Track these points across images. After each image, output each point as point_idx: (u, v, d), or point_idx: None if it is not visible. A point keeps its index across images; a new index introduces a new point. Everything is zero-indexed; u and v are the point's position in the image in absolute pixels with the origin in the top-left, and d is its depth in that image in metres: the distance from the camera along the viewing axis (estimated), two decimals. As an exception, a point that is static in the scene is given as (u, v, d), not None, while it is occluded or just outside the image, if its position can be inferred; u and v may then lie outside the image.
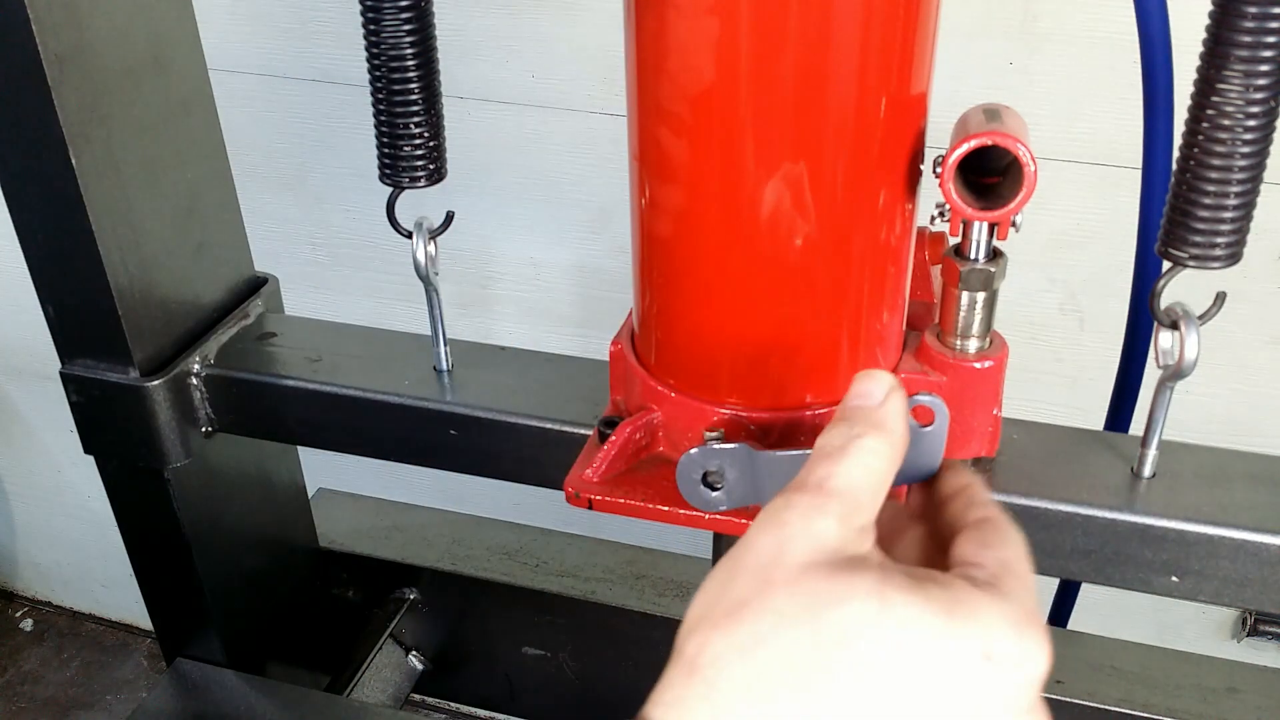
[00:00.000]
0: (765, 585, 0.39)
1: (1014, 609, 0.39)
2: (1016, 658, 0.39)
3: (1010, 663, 0.38)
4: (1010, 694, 0.38)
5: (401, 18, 0.69)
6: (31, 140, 0.76)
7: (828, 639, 0.38)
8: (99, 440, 0.90)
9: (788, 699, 0.37)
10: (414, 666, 1.20)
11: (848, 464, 0.43)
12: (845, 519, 0.41)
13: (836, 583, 0.39)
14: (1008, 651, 0.38)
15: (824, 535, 0.41)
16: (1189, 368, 0.63)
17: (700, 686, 0.39)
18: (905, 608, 0.38)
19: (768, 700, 0.37)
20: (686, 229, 0.56)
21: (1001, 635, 0.38)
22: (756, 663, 0.38)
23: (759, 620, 0.39)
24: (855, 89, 0.51)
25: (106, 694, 2.06)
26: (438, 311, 0.83)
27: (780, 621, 0.38)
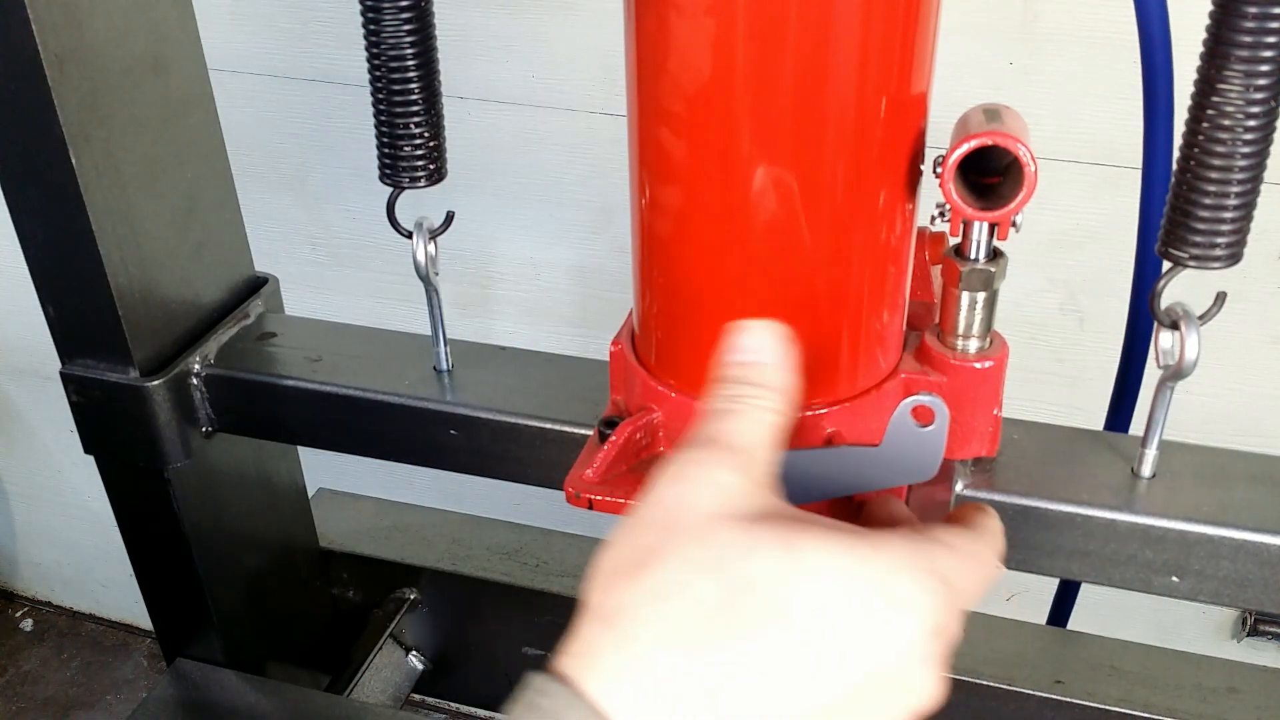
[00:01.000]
0: (673, 535, 0.40)
1: (919, 558, 0.41)
2: (913, 602, 0.40)
3: (906, 605, 0.39)
4: (907, 638, 0.39)
5: (402, 18, 0.69)
6: (31, 140, 0.76)
7: (737, 587, 0.38)
8: (99, 440, 0.90)
9: (699, 645, 0.38)
10: (414, 666, 1.20)
11: (741, 421, 0.44)
12: (744, 470, 0.42)
13: (744, 533, 0.40)
14: (905, 594, 0.40)
15: (726, 486, 0.42)
16: (1189, 368, 0.63)
17: (611, 635, 0.39)
18: (811, 553, 0.39)
19: (679, 647, 0.38)
20: (686, 229, 0.56)
21: (900, 579, 0.40)
22: (667, 610, 0.39)
23: (668, 569, 0.39)
24: (855, 89, 0.51)
25: (106, 694, 2.06)
26: (438, 311, 0.83)
27: (690, 570, 0.39)
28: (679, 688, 0.38)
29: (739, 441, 0.43)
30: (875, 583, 0.39)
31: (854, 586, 0.39)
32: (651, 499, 0.42)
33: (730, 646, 0.38)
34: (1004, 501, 0.69)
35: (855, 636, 0.39)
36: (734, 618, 0.38)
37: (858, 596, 0.39)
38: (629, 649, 0.38)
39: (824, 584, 0.39)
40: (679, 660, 0.38)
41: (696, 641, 0.38)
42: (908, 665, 0.40)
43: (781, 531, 0.40)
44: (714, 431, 0.44)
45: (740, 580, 0.39)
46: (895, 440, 0.49)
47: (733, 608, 0.38)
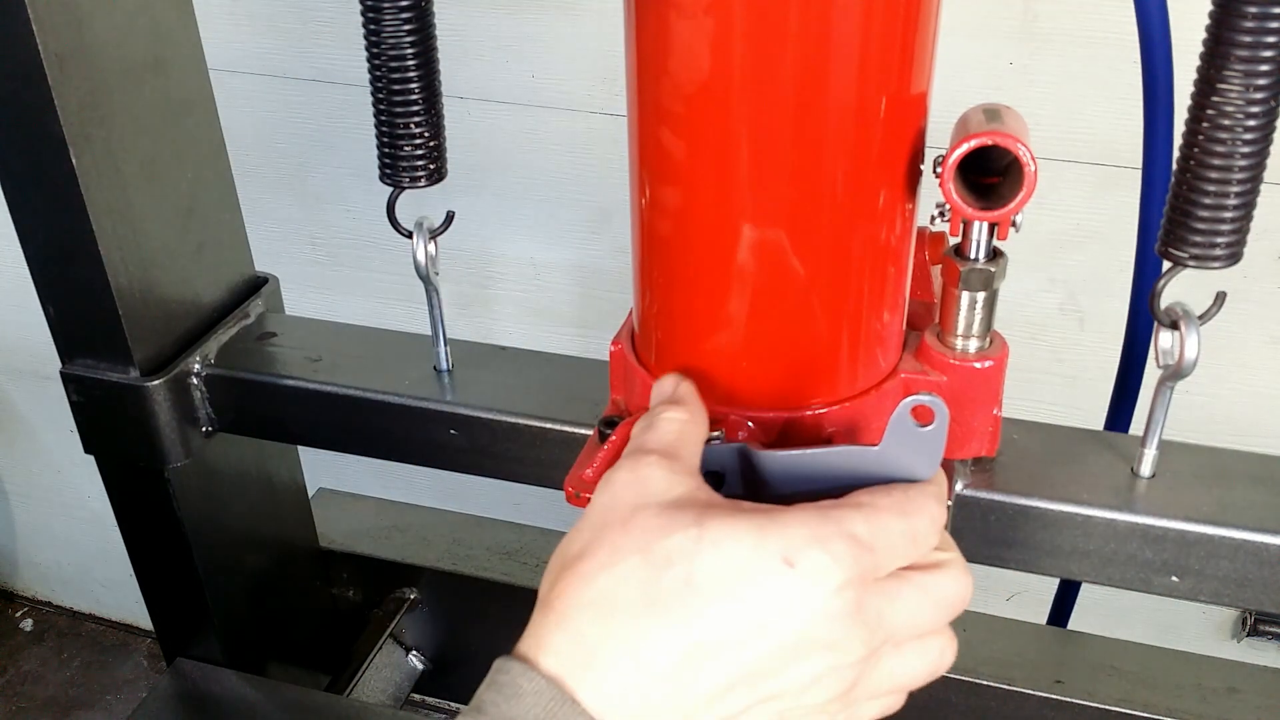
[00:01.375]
0: (603, 529, 0.46)
1: (822, 523, 0.44)
2: (816, 565, 0.43)
3: (810, 569, 0.43)
4: (816, 601, 0.43)
5: (402, 17, 0.69)
6: (31, 140, 0.76)
7: (656, 563, 0.44)
8: (99, 440, 0.90)
9: (626, 615, 0.43)
10: (414, 666, 1.20)
11: (659, 430, 0.51)
12: (666, 465, 0.48)
13: (662, 516, 0.45)
14: (807, 558, 0.43)
15: (649, 480, 0.47)
16: (1189, 368, 0.63)
17: (554, 617, 0.45)
18: (719, 528, 0.44)
19: (609, 617, 0.43)
20: (686, 229, 0.56)
21: (801, 543, 0.43)
22: (598, 588, 0.44)
23: (599, 556, 0.45)
24: (855, 88, 0.51)
25: (106, 694, 2.06)
26: (438, 311, 0.83)
27: (616, 553, 0.45)
28: (611, 654, 0.43)
29: (657, 443, 0.49)
30: (778, 551, 0.43)
31: (757, 556, 0.43)
32: (589, 506, 0.49)
33: (652, 615, 0.43)
34: (1004, 501, 0.69)
35: (763, 603, 0.43)
36: (654, 591, 0.43)
37: (761, 566, 0.43)
38: (567, 626, 0.44)
39: (729, 555, 0.43)
40: (609, 630, 0.43)
41: (624, 611, 0.43)
42: (824, 625, 0.43)
43: (695, 512, 0.45)
44: (637, 442, 0.50)
45: (658, 557, 0.44)
46: (895, 440, 0.49)
47: (653, 581, 0.43)
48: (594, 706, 0.42)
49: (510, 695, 0.43)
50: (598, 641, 0.43)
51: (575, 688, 0.43)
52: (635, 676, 0.42)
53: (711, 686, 0.43)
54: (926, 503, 0.47)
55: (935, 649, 0.48)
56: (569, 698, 0.42)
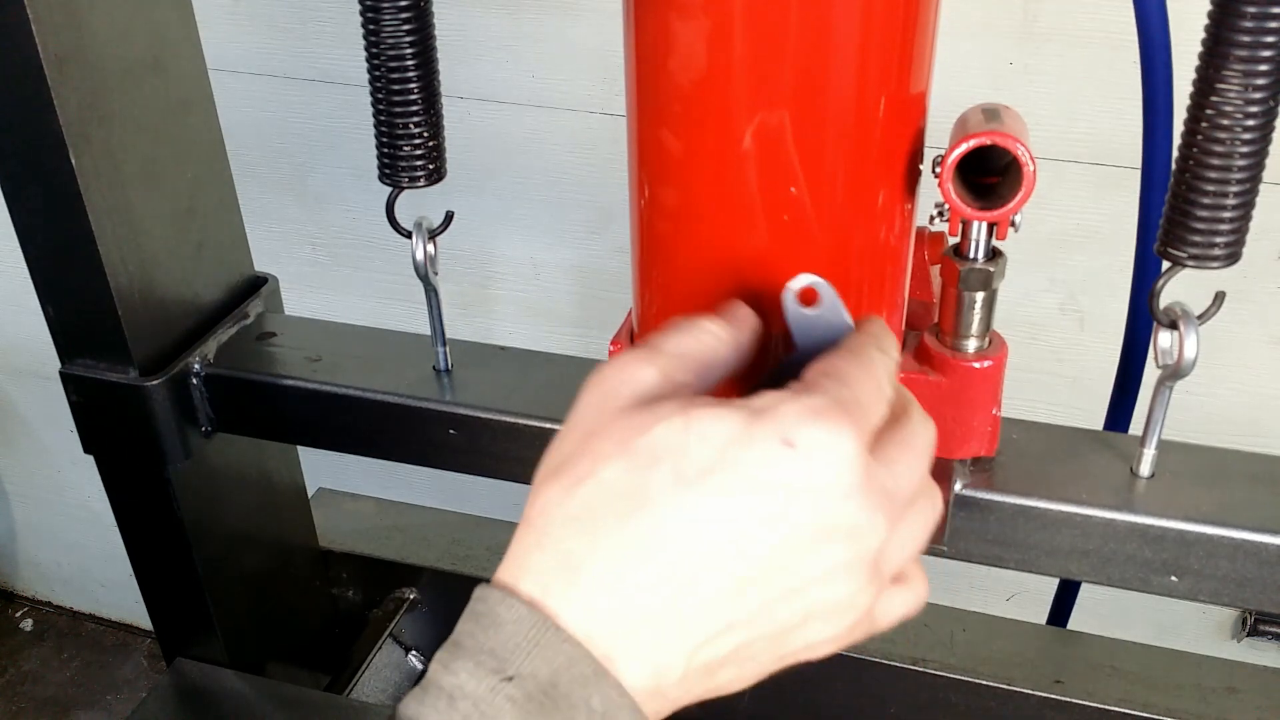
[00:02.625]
0: (588, 438, 0.42)
1: (817, 400, 0.40)
2: (818, 440, 0.39)
3: (813, 446, 0.39)
4: (822, 479, 0.39)
5: (401, 18, 0.69)
6: (31, 140, 0.76)
7: (640, 463, 0.40)
8: (99, 440, 0.90)
9: (611, 524, 0.39)
10: (414, 666, 1.20)
11: (681, 334, 0.45)
12: (666, 372, 0.43)
13: (644, 414, 0.41)
14: (808, 435, 0.39)
15: (642, 381, 0.43)
16: (1188, 367, 0.63)
17: (533, 535, 0.41)
18: (706, 419, 0.40)
19: (591, 531, 0.39)
20: (685, 229, 0.56)
21: (799, 422, 0.39)
22: (577, 500, 0.40)
23: (579, 465, 0.41)
24: (855, 88, 0.51)
25: (106, 694, 2.06)
26: (437, 311, 0.83)
27: (597, 461, 0.40)
28: (596, 569, 0.39)
29: (670, 346, 0.45)
30: (773, 434, 0.39)
31: (752, 441, 0.39)
32: (577, 404, 0.44)
33: (641, 520, 0.39)
34: (1003, 501, 0.69)
35: (766, 493, 0.39)
36: (641, 493, 0.39)
37: (758, 452, 0.39)
38: (547, 544, 0.40)
39: (720, 444, 0.39)
40: (594, 543, 0.39)
41: (607, 521, 0.39)
42: (839, 507, 0.39)
43: (678, 402, 0.41)
44: (654, 338, 0.45)
45: (643, 455, 0.40)
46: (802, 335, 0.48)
47: (639, 483, 0.39)
48: (580, 628, 0.38)
49: (489, 625, 0.39)
50: (582, 557, 0.39)
51: (558, 610, 0.39)
52: (624, 590, 0.39)
53: (714, 592, 0.39)
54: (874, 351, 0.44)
55: (930, 505, 0.44)
56: (551, 622, 0.38)
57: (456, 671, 0.39)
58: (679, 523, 0.39)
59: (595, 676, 0.38)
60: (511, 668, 0.38)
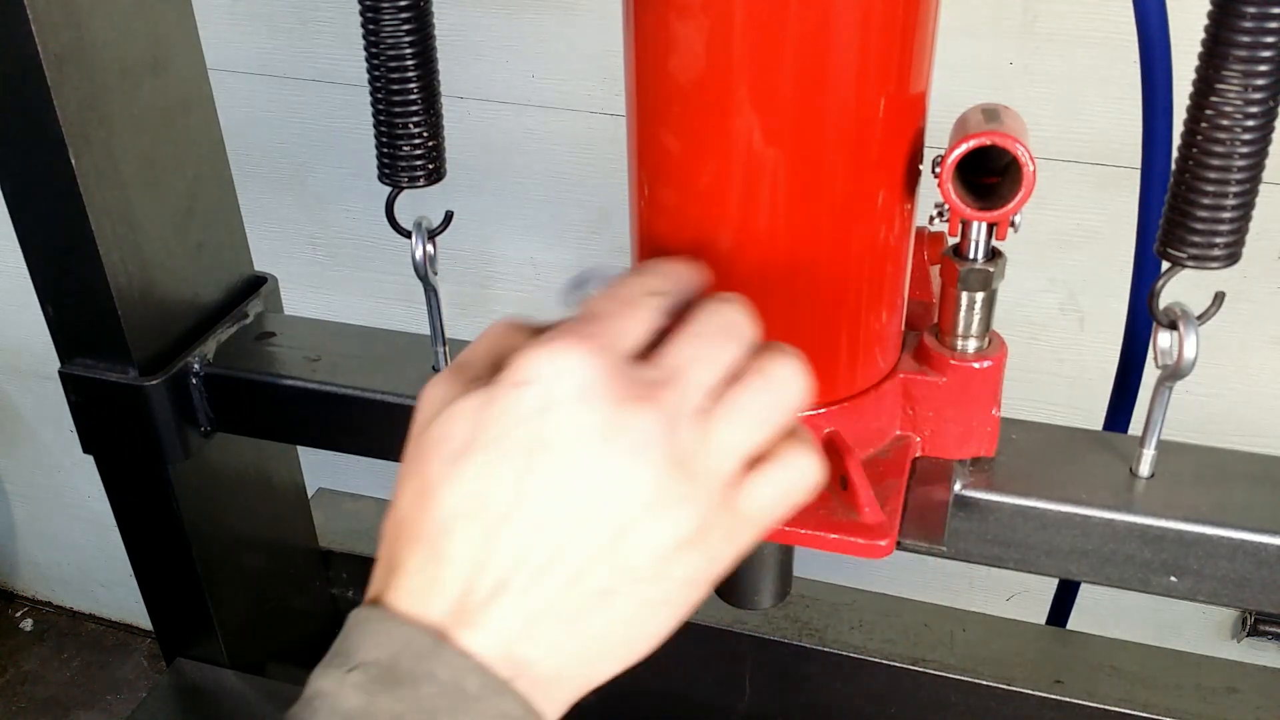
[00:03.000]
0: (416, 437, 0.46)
1: (546, 338, 0.41)
2: (545, 366, 0.40)
3: (541, 373, 0.40)
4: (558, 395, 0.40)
5: (401, 17, 0.69)
6: (31, 140, 0.76)
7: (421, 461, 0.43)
8: (99, 440, 0.90)
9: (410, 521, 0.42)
10: (414, 666, 1.20)
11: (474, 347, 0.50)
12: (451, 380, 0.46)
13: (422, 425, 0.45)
14: (534, 367, 0.41)
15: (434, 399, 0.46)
16: (1188, 368, 0.63)
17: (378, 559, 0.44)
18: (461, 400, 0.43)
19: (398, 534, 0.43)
20: (685, 229, 0.56)
21: (526, 361, 0.41)
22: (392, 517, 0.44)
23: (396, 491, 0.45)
24: (854, 88, 0.51)
25: (106, 694, 2.06)
26: (437, 311, 0.83)
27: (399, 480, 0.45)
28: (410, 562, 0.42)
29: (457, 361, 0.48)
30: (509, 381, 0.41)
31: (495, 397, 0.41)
32: None
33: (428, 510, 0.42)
34: (1003, 501, 0.69)
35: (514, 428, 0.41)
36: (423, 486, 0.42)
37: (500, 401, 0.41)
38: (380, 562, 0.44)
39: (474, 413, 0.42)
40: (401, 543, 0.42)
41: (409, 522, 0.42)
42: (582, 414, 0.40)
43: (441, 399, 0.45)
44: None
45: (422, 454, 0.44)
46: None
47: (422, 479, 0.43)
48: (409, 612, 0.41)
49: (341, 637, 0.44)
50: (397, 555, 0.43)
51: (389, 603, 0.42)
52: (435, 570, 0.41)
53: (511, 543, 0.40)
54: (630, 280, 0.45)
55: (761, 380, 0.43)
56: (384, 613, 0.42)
57: (313, 679, 0.42)
58: (459, 496, 0.41)
59: (434, 648, 0.40)
60: (354, 660, 0.41)
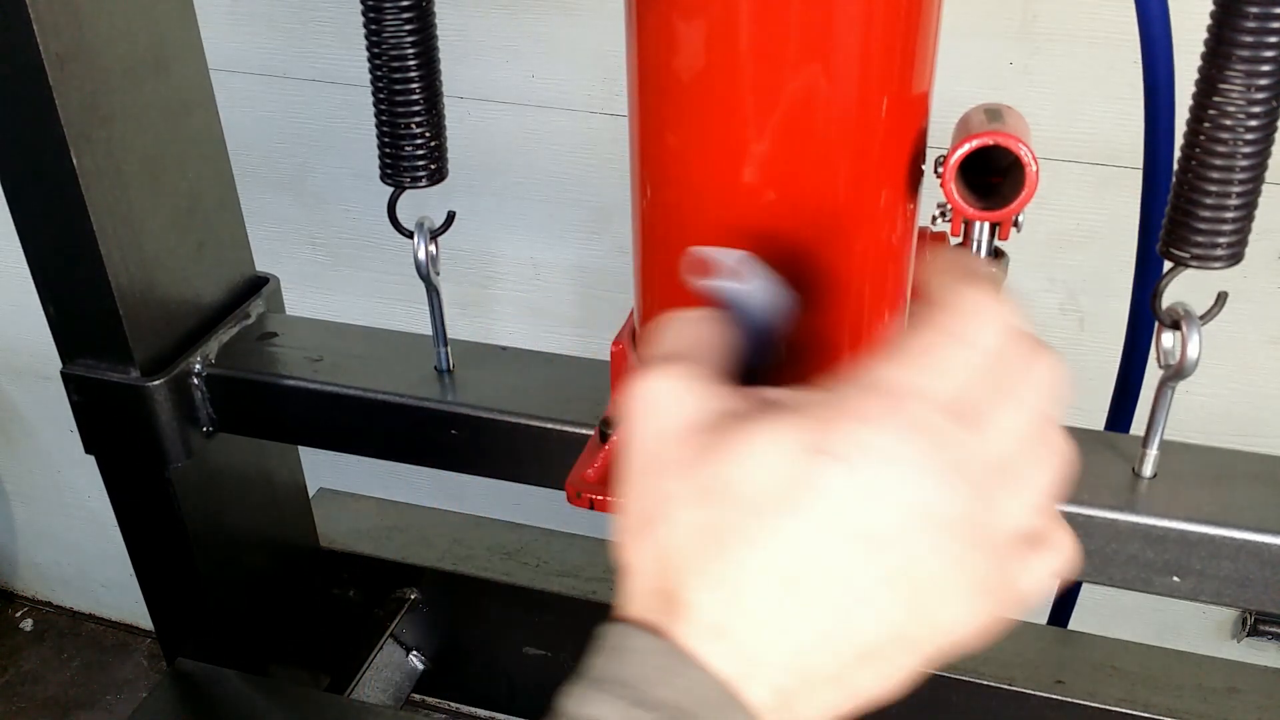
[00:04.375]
0: (649, 477, 0.41)
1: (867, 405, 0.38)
2: (870, 447, 0.38)
3: (866, 455, 0.38)
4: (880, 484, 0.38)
5: (403, 18, 0.69)
6: (32, 140, 0.76)
7: (713, 500, 0.39)
8: (99, 440, 0.90)
9: (698, 563, 0.39)
10: (414, 666, 1.20)
11: (670, 333, 0.46)
12: (688, 377, 0.42)
13: (707, 446, 0.40)
14: (857, 445, 0.38)
15: (682, 402, 0.42)
16: (1191, 368, 0.63)
17: (636, 580, 0.41)
18: (762, 443, 0.39)
19: (683, 571, 0.39)
20: (687, 229, 0.56)
21: (850, 433, 0.38)
22: (660, 543, 0.40)
23: (654, 509, 0.41)
24: (857, 89, 0.51)
25: (106, 694, 2.06)
26: (438, 311, 0.83)
27: (668, 502, 0.40)
28: (700, 606, 0.39)
29: (672, 348, 0.44)
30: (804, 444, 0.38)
31: (813, 461, 0.38)
32: (628, 440, 0.43)
33: (726, 556, 0.39)
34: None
35: (832, 505, 0.38)
36: (717, 530, 0.39)
37: (794, 467, 0.38)
38: (652, 585, 0.40)
39: (783, 469, 0.38)
40: (686, 582, 0.39)
41: (693, 563, 0.39)
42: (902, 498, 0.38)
43: (738, 428, 0.40)
44: (662, 348, 0.45)
45: (713, 494, 0.39)
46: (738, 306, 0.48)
47: (714, 522, 0.39)
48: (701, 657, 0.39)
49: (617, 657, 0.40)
50: (684, 595, 0.39)
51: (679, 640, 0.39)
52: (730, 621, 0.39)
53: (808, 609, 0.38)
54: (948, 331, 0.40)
55: (1047, 452, 0.41)
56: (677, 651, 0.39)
57: (592, 703, 0.39)
58: (769, 555, 0.38)
59: (724, 702, 0.38)
60: (646, 696, 0.38)
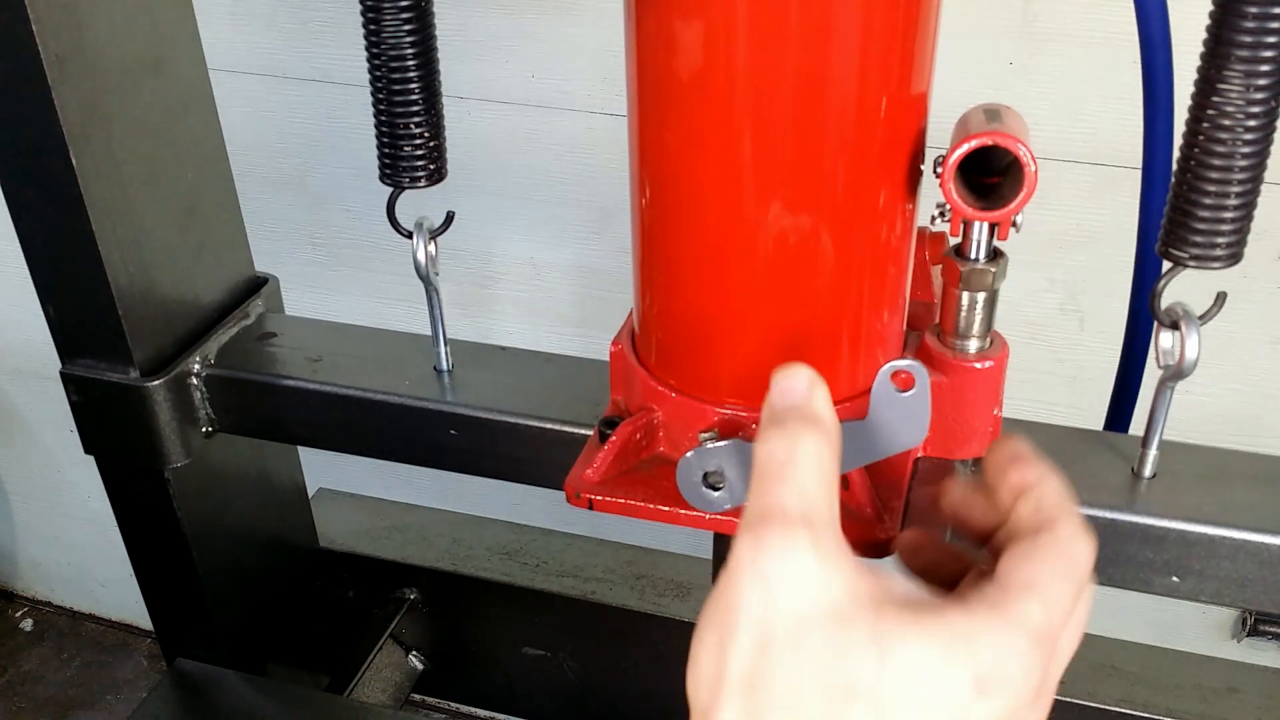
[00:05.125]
0: (768, 648, 0.40)
1: (1005, 629, 0.41)
2: (1008, 683, 0.40)
3: (1003, 688, 0.40)
4: (1010, 704, 0.40)
5: (402, 18, 0.69)
6: (31, 140, 0.76)
7: (837, 695, 0.39)
8: (99, 440, 0.90)
9: None
10: (414, 666, 1.20)
11: (799, 479, 0.43)
12: (818, 544, 0.41)
13: (835, 637, 0.40)
14: (999, 678, 0.40)
15: (807, 579, 0.41)
16: (1190, 368, 0.63)
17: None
18: (902, 649, 0.40)
19: None
20: (686, 229, 0.56)
21: (992, 663, 0.40)
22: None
23: (774, 688, 0.40)
24: (856, 89, 0.51)
25: (106, 694, 2.06)
26: (438, 311, 0.83)
27: (794, 690, 0.40)
28: None
29: (801, 505, 0.42)
30: (968, 675, 0.40)
31: (948, 682, 0.39)
32: (736, 601, 0.42)
33: None
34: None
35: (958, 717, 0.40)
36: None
37: (952, 693, 0.39)
38: None
39: (917, 683, 0.39)
40: None
41: None
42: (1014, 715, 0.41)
43: (869, 625, 0.40)
44: (778, 502, 0.43)
45: (838, 688, 0.39)
46: (880, 409, 0.49)
47: (834, 713, 0.39)
48: None
49: None
50: None
51: None
52: None
53: None
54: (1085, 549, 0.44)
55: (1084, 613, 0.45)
56: None
57: None
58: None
59: None
60: None
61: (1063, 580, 0.43)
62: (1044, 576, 0.43)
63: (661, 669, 1.07)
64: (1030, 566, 0.43)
